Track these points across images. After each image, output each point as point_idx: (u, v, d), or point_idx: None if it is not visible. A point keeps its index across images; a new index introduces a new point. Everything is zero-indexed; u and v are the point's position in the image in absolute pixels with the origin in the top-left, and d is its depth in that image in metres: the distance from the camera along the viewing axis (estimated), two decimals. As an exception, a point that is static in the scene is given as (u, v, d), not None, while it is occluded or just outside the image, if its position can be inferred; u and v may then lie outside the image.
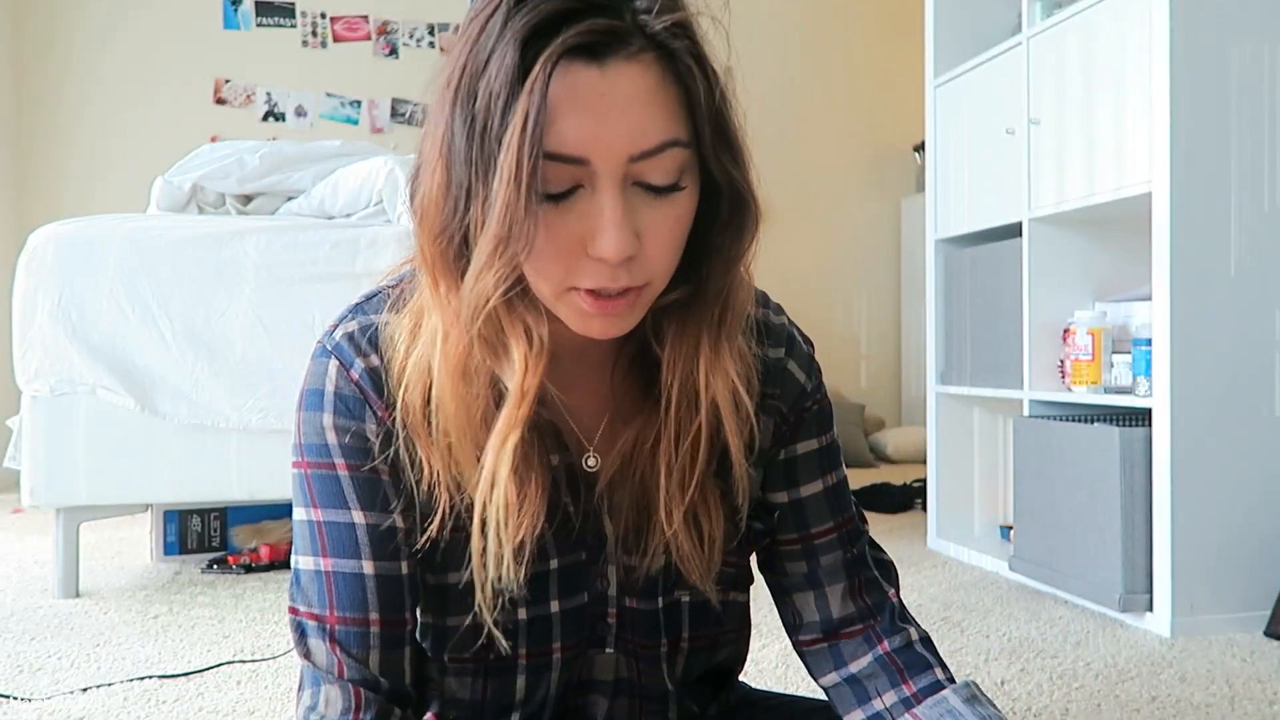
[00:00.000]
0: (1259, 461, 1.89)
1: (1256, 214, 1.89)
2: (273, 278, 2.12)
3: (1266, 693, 1.54)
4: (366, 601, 0.71)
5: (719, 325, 0.70)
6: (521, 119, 0.57)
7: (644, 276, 0.64)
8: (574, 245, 0.62)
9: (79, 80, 4.26)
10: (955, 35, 2.70)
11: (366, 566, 0.71)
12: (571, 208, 0.61)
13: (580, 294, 0.63)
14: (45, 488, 2.08)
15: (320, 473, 0.72)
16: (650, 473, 0.72)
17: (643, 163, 0.61)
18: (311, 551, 0.72)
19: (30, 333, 2.07)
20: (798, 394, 0.81)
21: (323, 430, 0.72)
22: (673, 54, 0.62)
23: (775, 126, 4.72)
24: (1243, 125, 1.89)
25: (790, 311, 0.86)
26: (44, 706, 1.48)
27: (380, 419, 0.71)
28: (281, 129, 4.39)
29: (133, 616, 1.99)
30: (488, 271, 0.61)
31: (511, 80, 0.58)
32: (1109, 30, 2.03)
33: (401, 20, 4.50)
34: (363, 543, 0.71)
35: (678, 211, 0.64)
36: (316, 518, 0.72)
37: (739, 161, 0.69)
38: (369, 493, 0.71)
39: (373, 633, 0.71)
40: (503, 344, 0.66)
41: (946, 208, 2.68)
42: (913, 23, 3.65)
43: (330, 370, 0.72)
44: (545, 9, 0.59)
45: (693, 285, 0.69)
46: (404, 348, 0.70)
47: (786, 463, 0.81)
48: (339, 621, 0.71)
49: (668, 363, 0.70)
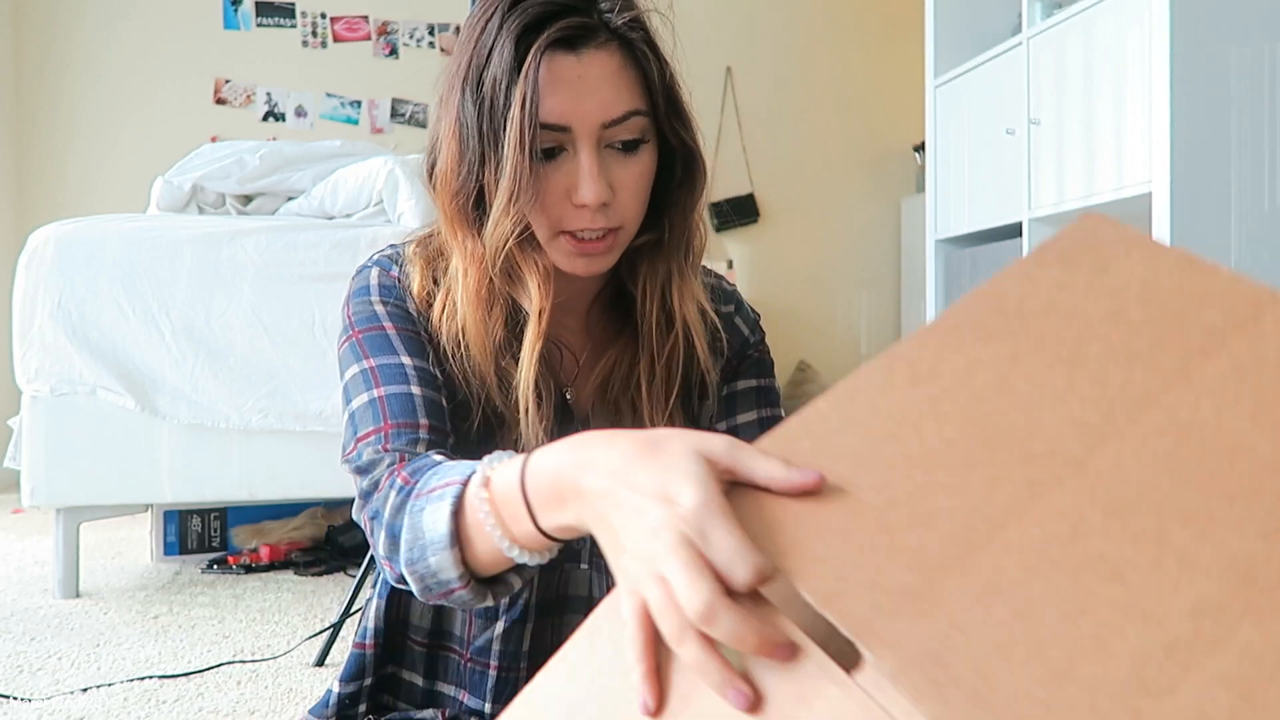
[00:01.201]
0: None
1: (1257, 214, 1.89)
2: (273, 278, 2.12)
3: (1267, 693, 1.53)
4: (416, 410, 0.80)
5: (684, 259, 0.86)
6: (521, 99, 0.75)
7: (617, 220, 0.80)
8: (561, 196, 0.79)
9: (79, 80, 4.26)
10: (955, 35, 2.70)
11: (415, 389, 0.81)
12: (559, 166, 0.78)
13: (567, 238, 0.80)
14: (45, 488, 2.08)
15: (371, 334, 0.84)
16: (631, 392, 0.86)
17: (612, 129, 0.78)
18: (365, 389, 0.81)
19: (30, 333, 2.06)
20: (741, 343, 0.96)
21: (371, 305, 0.85)
22: (631, 43, 0.79)
23: (776, 127, 4.72)
24: (1243, 125, 1.89)
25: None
26: (44, 706, 1.48)
27: (416, 306, 0.85)
28: (281, 129, 4.38)
29: (133, 617, 1.99)
30: (505, 219, 0.78)
31: (510, 69, 0.76)
32: (1109, 30, 2.03)
33: (401, 20, 4.50)
34: (410, 375, 0.82)
35: (641, 167, 0.81)
36: (369, 364, 0.82)
37: (688, 126, 0.84)
38: (415, 345, 0.84)
39: (422, 437, 0.79)
40: (519, 276, 0.81)
41: (946, 208, 2.68)
42: (913, 23, 3.65)
43: (373, 272, 0.87)
44: (532, 12, 0.76)
45: (658, 231, 0.86)
46: (418, 275, 0.85)
47: (727, 397, 0.95)
48: (392, 426, 0.78)
49: (643, 292, 0.86)
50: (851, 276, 4.82)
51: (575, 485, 0.53)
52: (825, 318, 4.75)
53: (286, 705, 1.48)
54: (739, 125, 4.69)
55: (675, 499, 0.45)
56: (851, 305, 4.84)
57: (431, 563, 0.65)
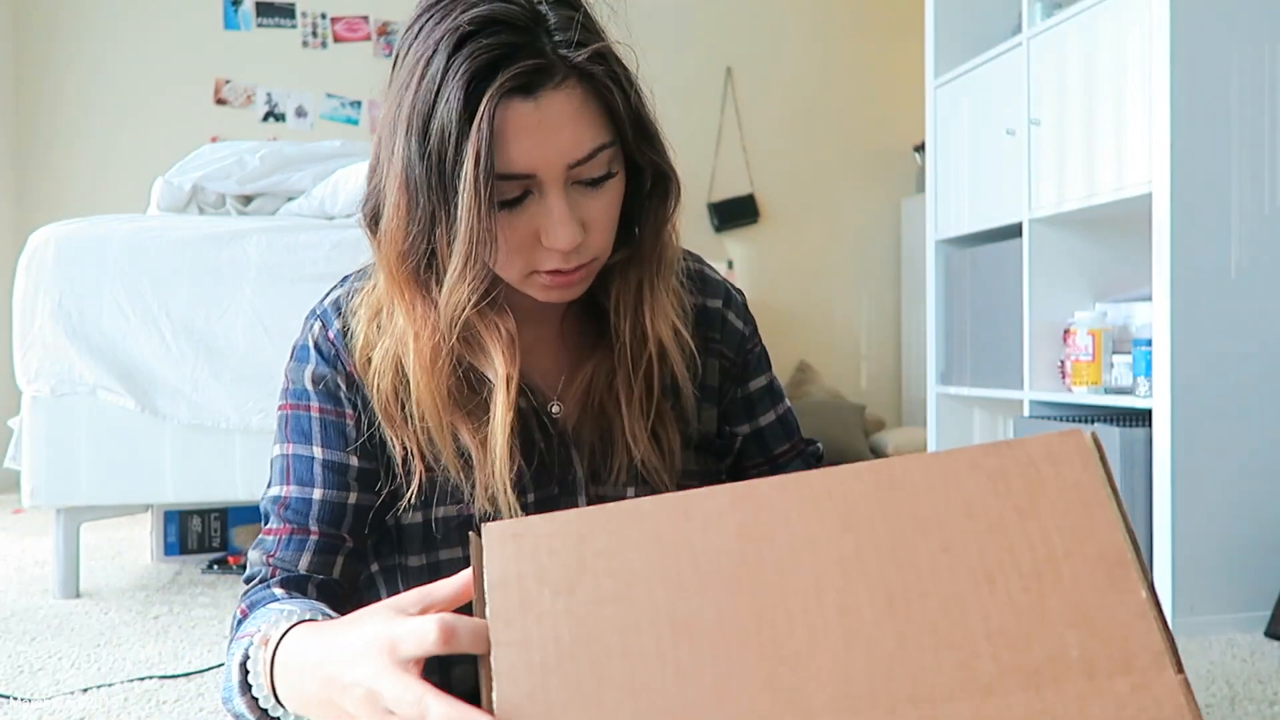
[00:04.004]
0: (1259, 462, 1.89)
1: (1257, 214, 1.89)
2: (273, 278, 2.12)
3: (1267, 693, 1.54)
4: (308, 517, 0.83)
5: (656, 275, 0.83)
6: (474, 153, 0.68)
7: (591, 254, 0.77)
8: (530, 240, 0.75)
9: (79, 80, 4.26)
10: (955, 35, 2.70)
11: (316, 493, 0.83)
12: (524, 210, 0.74)
13: (541, 275, 0.77)
14: (46, 488, 2.08)
15: (298, 413, 0.85)
16: (611, 405, 0.84)
17: (579, 168, 0.73)
18: (279, 481, 0.85)
19: (30, 333, 2.07)
20: (739, 340, 0.94)
21: (304, 377, 0.85)
22: (592, 76, 0.72)
23: (776, 127, 4.72)
24: (1243, 125, 1.89)
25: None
26: (44, 707, 1.48)
27: (350, 373, 0.84)
28: (282, 129, 4.38)
29: (133, 617, 1.99)
30: (461, 283, 0.73)
31: (460, 120, 0.69)
32: (1109, 30, 2.03)
33: (401, 21, 4.49)
34: (317, 475, 0.83)
35: (610, 196, 0.77)
36: (287, 451, 0.85)
37: (658, 148, 0.79)
38: (334, 432, 0.84)
39: (309, 543, 0.83)
40: (479, 344, 0.78)
41: (947, 208, 2.68)
42: (913, 23, 3.65)
43: (314, 329, 0.86)
44: (481, 57, 0.69)
45: (630, 248, 0.83)
46: (363, 331, 0.83)
47: (744, 399, 0.95)
48: (286, 532, 0.83)
49: (616, 309, 0.83)
50: (851, 276, 4.82)
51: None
52: (825, 318, 4.75)
53: (287, 705, 1.49)
54: (739, 125, 4.69)
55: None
56: (851, 305, 4.84)
57: (235, 704, 0.72)
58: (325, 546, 0.84)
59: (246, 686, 0.71)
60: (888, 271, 4.86)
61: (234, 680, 0.71)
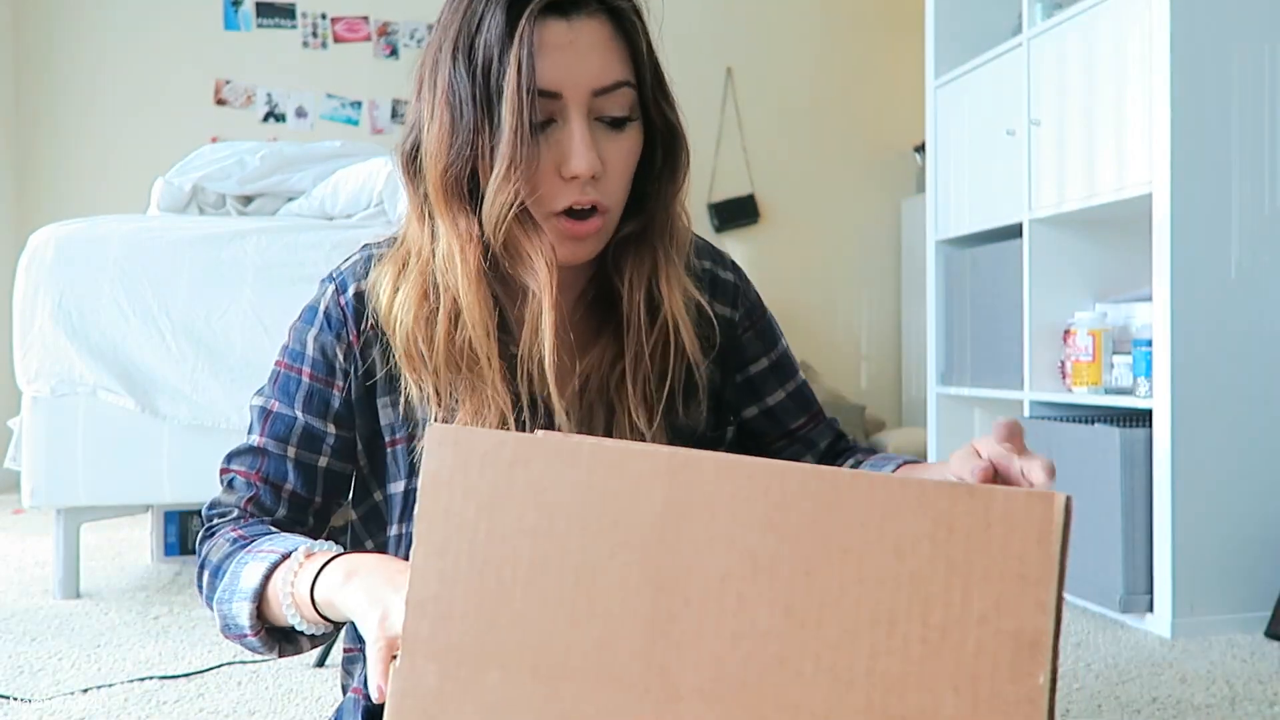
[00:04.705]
0: (1259, 462, 1.89)
1: (1257, 214, 1.89)
2: (273, 278, 2.12)
3: (1267, 693, 1.54)
4: (287, 474, 0.88)
5: (668, 247, 0.86)
6: (516, 63, 0.75)
7: (604, 197, 0.80)
8: (550, 173, 0.78)
9: (79, 81, 4.26)
10: (955, 35, 2.69)
11: (290, 450, 0.88)
12: (548, 139, 0.78)
13: (559, 218, 0.80)
14: (46, 488, 2.08)
15: (288, 373, 0.88)
16: (610, 393, 0.86)
17: (602, 98, 0.78)
18: (258, 430, 0.88)
19: (31, 334, 2.07)
20: (748, 307, 0.96)
21: (305, 340, 0.88)
22: (620, 13, 0.80)
23: (776, 127, 4.72)
24: (1243, 125, 1.89)
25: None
26: (44, 707, 1.48)
27: (351, 343, 0.87)
28: (282, 130, 4.38)
29: (133, 617, 1.99)
30: (506, 184, 0.77)
31: (503, 34, 0.75)
32: (1109, 31, 2.03)
33: (402, 21, 4.50)
34: (295, 434, 0.88)
35: (628, 143, 0.81)
36: (271, 407, 0.88)
37: (672, 105, 0.84)
38: (319, 400, 0.87)
39: (286, 491, 0.88)
40: (520, 252, 0.81)
41: (947, 208, 2.68)
42: (913, 23, 3.65)
43: (328, 293, 0.89)
44: None
45: (642, 220, 0.85)
46: (388, 278, 0.85)
47: (744, 384, 0.97)
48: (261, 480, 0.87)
49: (629, 283, 0.85)
50: (851, 276, 4.82)
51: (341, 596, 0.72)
52: (825, 318, 4.75)
53: (287, 706, 1.49)
54: (739, 125, 4.69)
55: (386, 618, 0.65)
56: (851, 305, 4.84)
57: (233, 607, 0.78)
58: (296, 504, 0.89)
59: (259, 595, 0.76)
60: (888, 272, 4.86)
61: (251, 585, 0.77)
